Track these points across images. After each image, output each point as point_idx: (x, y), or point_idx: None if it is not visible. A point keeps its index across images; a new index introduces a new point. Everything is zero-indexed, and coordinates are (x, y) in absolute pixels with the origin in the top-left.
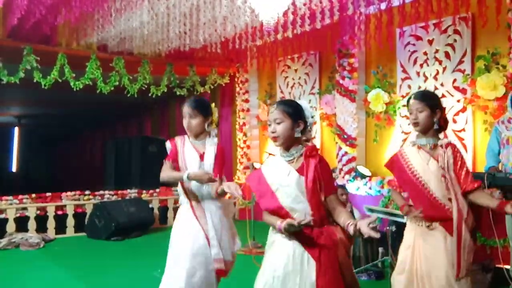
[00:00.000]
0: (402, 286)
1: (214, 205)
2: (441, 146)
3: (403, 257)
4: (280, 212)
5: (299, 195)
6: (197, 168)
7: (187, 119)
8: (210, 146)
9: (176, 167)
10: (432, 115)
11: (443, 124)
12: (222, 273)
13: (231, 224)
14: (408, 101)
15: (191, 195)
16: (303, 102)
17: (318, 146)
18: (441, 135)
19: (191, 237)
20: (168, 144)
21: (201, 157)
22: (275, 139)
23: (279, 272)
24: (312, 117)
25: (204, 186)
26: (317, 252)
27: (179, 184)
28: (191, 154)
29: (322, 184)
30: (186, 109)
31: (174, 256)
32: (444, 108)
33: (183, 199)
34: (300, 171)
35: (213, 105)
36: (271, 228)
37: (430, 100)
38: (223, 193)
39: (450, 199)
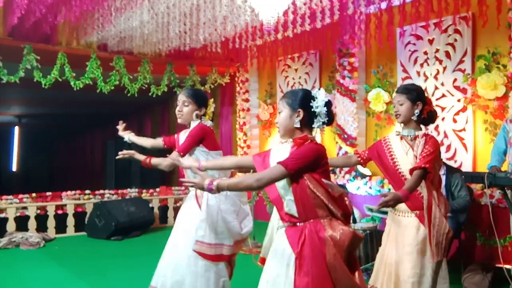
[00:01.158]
0: (374, 270)
1: None
2: (418, 136)
3: (382, 244)
4: (277, 199)
5: (286, 184)
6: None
7: (179, 105)
8: (191, 128)
9: None
10: (413, 107)
11: (426, 116)
12: (214, 258)
13: (238, 205)
14: (392, 95)
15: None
16: (318, 92)
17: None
18: (424, 127)
19: (190, 225)
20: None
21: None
22: (279, 130)
23: (269, 276)
24: (325, 105)
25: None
26: (299, 247)
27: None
28: (180, 139)
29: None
30: (181, 96)
31: (171, 241)
32: (430, 101)
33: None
34: None
35: (211, 100)
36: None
37: (410, 93)
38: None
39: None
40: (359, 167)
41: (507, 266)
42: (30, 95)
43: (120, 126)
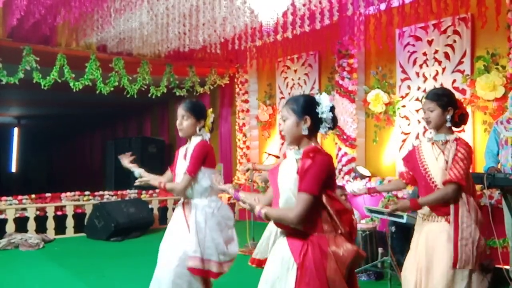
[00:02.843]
0: (407, 278)
1: (202, 203)
2: (449, 141)
3: (411, 249)
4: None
5: (291, 197)
6: (182, 168)
7: (179, 120)
8: (191, 145)
9: (173, 176)
10: (444, 113)
11: (458, 120)
12: (202, 273)
13: (225, 227)
14: (422, 101)
15: (182, 195)
16: (321, 97)
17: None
18: (454, 131)
19: (177, 239)
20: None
21: (185, 156)
22: (282, 137)
23: (268, 278)
24: (330, 111)
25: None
26: (301, 258)
27: None
28: (180, 155)
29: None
30: (180, 110)
31: (160, 257)
32: (461, 103)
33: (181, 198)
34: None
35: (210, 110)
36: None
37: (440, 99)
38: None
39: None
40: (359, 168)
41: (507, 267)
42: (29, 96)
43: (126, 159)
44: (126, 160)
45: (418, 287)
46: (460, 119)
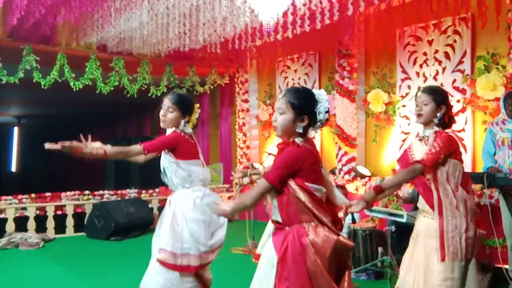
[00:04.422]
0: (404, 275)
1: (182, 195)
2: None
3: (409, 246)
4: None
5: (272, 192)
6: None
7: (164, 110)
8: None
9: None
10: (437, 109)
11: (446, 121)
12: (171, 267)
13: (210, 218)
14: (416, 94)
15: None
16: (321, 95)
17: (318, 146)
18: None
19: (159, 234)
20: None
21: None
22: (274, 128)
23: (258, 276)
24: (327, 112)
25: (169, 178)
26: (281, 252)
27: None
28: None
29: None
30: (166, 101)
31: (153, 250)
32: (451, 107)
33: None
34: None
35: (197, 106)
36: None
37: (436, 95)
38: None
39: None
40: (359, 167)
41: (506, 266)
42: (29, 96)
43: (52, 146)
44: (53, 146)
45: (417, 285)
46: (449, 120)
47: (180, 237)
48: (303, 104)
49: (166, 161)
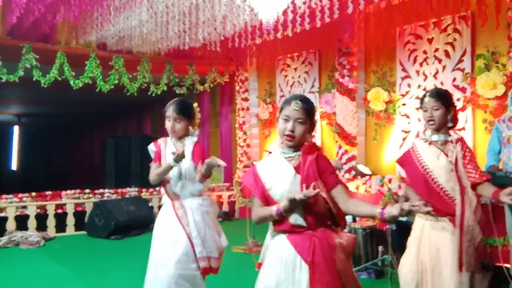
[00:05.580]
0: (408, 278)
1: (196, 202)
2: (451, 141)
3: (410, 248)
4: None
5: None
6: (176, 167)
7: (171, 123)
8: (189, 144)
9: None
10: (447, 113)
11: (453, 122)
12: (208, 271)
13: (216, 222)
14: (422, 99)
15: (172, 196)
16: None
17: (318, 145)
18: (451, 132)
19: (173, 241)
20: (152, 147)
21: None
22: (290, 138)
23: (271, 283)
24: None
25: (185, 185)
26: (310, 255)
27: (163, 185)
28: (167, 148)
29: (324, 180)
30: (171, 113)
31: (157, 260)
32: (455, 106)
33: (165, 199)
34: (297, 168)
35: (195, 105)
36: (268, 232)
37: (444, 99)
38: (208, 171)
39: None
40: (359, 166)
41: (507, 265)
42: (29, 94)
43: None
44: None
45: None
46: (455, 121)
47: (205, 242)
48: (313, 113)
49: (192, 169)
